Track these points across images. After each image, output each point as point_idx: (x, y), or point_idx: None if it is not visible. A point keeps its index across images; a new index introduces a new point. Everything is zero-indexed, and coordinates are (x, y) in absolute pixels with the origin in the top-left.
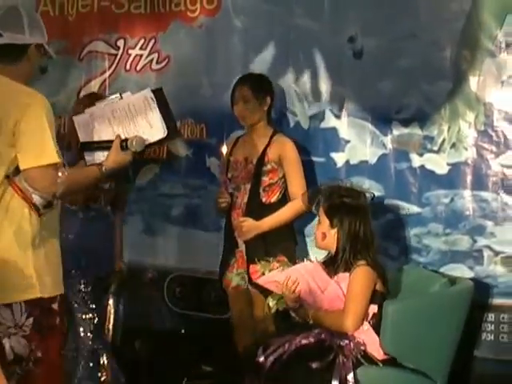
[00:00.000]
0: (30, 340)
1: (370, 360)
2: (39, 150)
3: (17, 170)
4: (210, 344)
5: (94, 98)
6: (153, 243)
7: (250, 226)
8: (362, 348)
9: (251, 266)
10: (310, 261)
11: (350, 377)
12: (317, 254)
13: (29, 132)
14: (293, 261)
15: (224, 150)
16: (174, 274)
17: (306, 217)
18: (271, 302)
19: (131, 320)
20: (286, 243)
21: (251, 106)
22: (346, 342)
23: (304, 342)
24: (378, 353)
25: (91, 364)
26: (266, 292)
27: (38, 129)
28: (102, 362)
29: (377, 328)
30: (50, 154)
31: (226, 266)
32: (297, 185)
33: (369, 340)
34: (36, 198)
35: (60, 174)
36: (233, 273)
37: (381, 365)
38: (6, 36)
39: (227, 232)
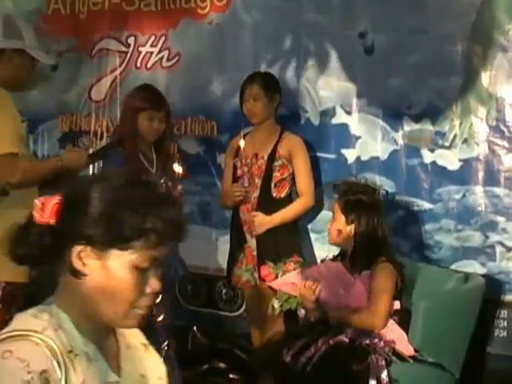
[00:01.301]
0: None
1: (400, 357)
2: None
3: None
4: (222, 341)
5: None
6: None
7: (261, 221)
8: (393, 346)
9: (262, 266)
10: (332, 260)
11: (384, 375)
12: (322, 251)
13: None
14: (308, 260)
15: (242, 143)
16: None
17: (310, 213)
18: (276, 304)
19: None
20: (296, 240)
21: (261, 104)
22: (376, 340)
23: (333, 342)
24: (406, 349)
25: None
26: (276, 291)
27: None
28: None
29: (401, 324)
30: (6, 143)
31: (235, 263)
32: (305, 181)
33: (395, 336)
34: None
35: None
36: (241, 269)
37: (411, 361)
38: None
39: (235, 228)
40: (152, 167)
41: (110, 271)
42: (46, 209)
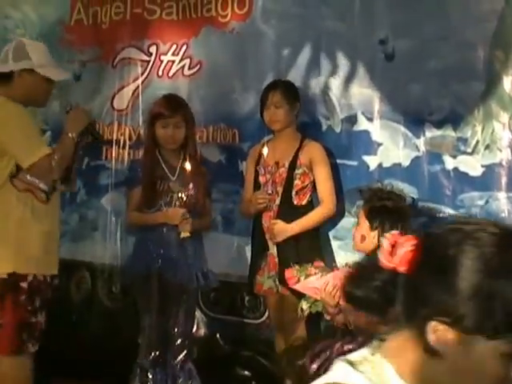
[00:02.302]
0: None
1: None
2: (27, 148)
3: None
4: (245, 348)
5: None
6: None
7: (281, 228)
8: None
9: (286, 270)
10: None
11: None
12: (345, 259)
13: (12, 138)
14: (329, 266)
15: (265, 151)
16: None
17: (332, 220)
18: (305, 305)
19: None
20: (317, 247)
21: (283, 111)
22: None
23: (346, 349)
24: None
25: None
26: (300, 295)
27: (18, 131)
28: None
29: None
30: (40, 147)
31: (257, 270)
32: (326, 189)
33: None
34: (42, 185)
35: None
36: (264, 276)
37: None
38: None
39: (257, 235)
40: (173, 175)
41: (473, 358)
42: (396, 253)
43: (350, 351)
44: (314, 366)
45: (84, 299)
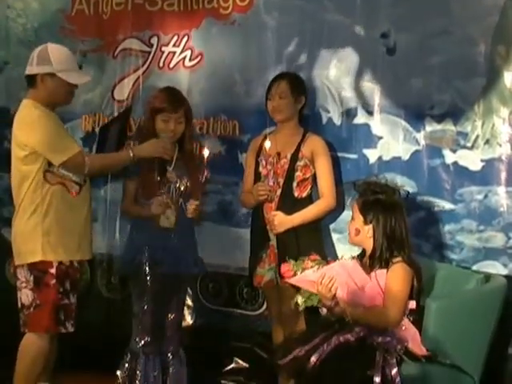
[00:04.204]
0: (33, 291)
1: (412, 356)
2: (60, 148)
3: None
4: (243, 339)
5: None
6: None
7: (281, 220)
8: (406, 344)
9: (282, 264)
10: (351, 258)
11: (395, 373)
12: (344, 251)
13: (41, 140)
14: (326, 259)
15: (268, 145)
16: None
17: (332, 213)
18: (300, 300)
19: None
20: (317, 240)
21: (286, 102)
22: (388, 338)
23: (342, 339)
24: (418, 349)
25: None
26: (298, 288)
27: (46, 133)
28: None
29: (416, 324)
30: (72, 145)
31: (257, 262)
32: (326, 183)
33: (409, 336)
34: (75, 178)
35: (86, 158)
36: (264, 268)
37: (424, 361)
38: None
39: (258, 226)
40: (170, 166)
41: None
42: None
43: (346, 343)
44: (313, 359)
45: (82, 290)
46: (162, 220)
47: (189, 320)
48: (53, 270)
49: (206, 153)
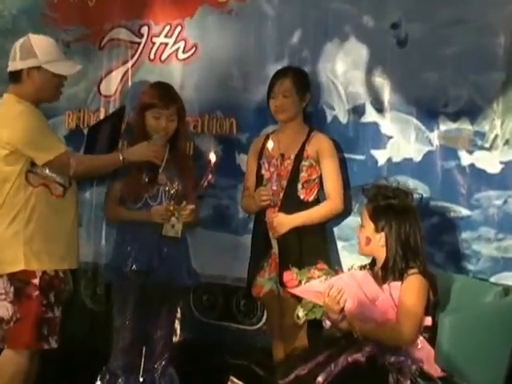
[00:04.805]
0: (13, 304)
1: (427, 377)
2: (45, 146)
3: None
4: (240, 356)
5: None
6: None
7: (281, 220)
8: (421, 365)
9: (284, 273)
10: (360, 269)
11: None
12: (349, 261)
13: (24, 138)
14: (334, 268)
15: (270, 145)
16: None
17: (336, 219)
18: (301, 312)
19: None
20: (323, 247)
21: (291, 101)
22: (402, 358)
23: (351, 360)
24: (434, 369)
25: None
26: (301, 299)
27: (29, 131)
28: None
29: (430, 341)
30: (56, 145)
31: (257, 271)
32: (333, 184)
33: (424, 355)
34: (59, 179)
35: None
36: (264, 277)
37: (439, 382)
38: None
39: (260, 233)
40: (160, 167)
41: None
42: None
43: (356, 363)
44: (320, 380)
45: (65, 301)
46: (166, 229)
47: (181, 335)
48: (36, 281)
49: (212, 157)
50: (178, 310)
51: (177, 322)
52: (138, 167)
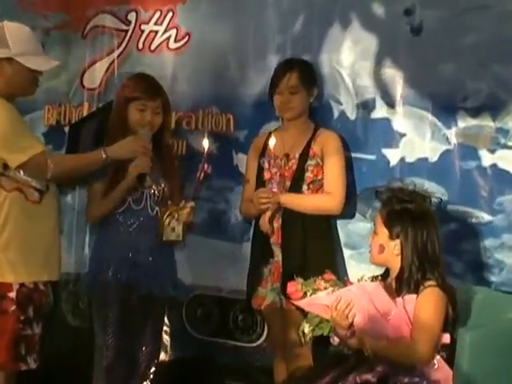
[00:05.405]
0: None
1: None
2: (19, 146)
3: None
4: (238, 377)
5: None
6: None
7: (265, 194)
8: None
9: (288, 283)
10: (372, 280)
11: None
12: (355, 270)
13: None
14: (342, 279)
15: (272, 143)
16: (194, 293)
17: (343, 225)
18: (307, 328)
19: None
20: (330, 256)
21: (298, 98)
22: (417, 379)
23: (360, 381)
24: None
25: None
26: (306, 313)
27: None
28: None
29: (449, 362)
30: (33, 145)
31: (258, 280)
32: (334, 181)
33: (441, 376)
34: (35, 183)
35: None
36: (267, 288)
37: None
38: None
39: (259, 240)
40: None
41: None
42: None
43: (367, 382)
44: None
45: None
46: (167, 233)
47: (171, 353)
48: (12, 294)
49: (205, 144)
50: (168, 324)
51: (168, 338)
52: (118, 165)
